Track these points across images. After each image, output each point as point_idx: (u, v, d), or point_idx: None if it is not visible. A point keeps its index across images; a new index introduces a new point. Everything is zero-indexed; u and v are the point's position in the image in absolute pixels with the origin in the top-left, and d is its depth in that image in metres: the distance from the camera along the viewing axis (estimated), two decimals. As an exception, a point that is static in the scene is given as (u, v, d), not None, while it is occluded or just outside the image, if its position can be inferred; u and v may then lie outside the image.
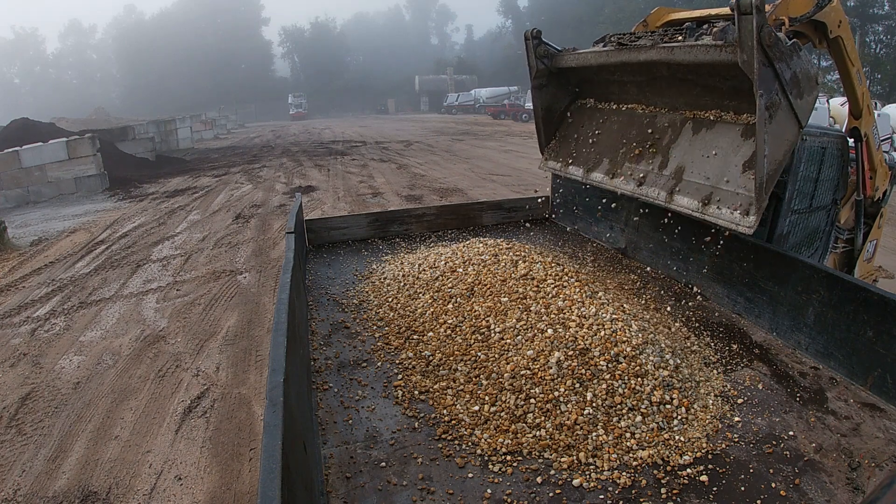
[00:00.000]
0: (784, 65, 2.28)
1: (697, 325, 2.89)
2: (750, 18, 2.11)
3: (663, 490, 1.77)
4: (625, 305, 2.65)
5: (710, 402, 2.20)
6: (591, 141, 3.75)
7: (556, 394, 2.12)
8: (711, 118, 2.93)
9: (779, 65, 2.25)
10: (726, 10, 2.73)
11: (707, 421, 2.09)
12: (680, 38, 2.89)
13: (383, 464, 1.89)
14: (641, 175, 3.20)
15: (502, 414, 2.10)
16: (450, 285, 2.99)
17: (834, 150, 3.59)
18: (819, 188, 3.56)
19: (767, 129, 2.30)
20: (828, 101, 14.09)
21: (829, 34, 3.07)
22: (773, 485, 1.77)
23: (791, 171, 3.25)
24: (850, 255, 4.10)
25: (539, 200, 4.91)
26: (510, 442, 1.98)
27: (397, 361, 2.52)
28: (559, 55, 3.78)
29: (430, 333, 2.67)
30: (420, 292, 3.05)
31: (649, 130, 3.30)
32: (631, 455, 1.92)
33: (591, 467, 1.87)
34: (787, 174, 3.25)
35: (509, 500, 1.74)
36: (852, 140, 3.78)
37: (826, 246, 3.85)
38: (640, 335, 2.37)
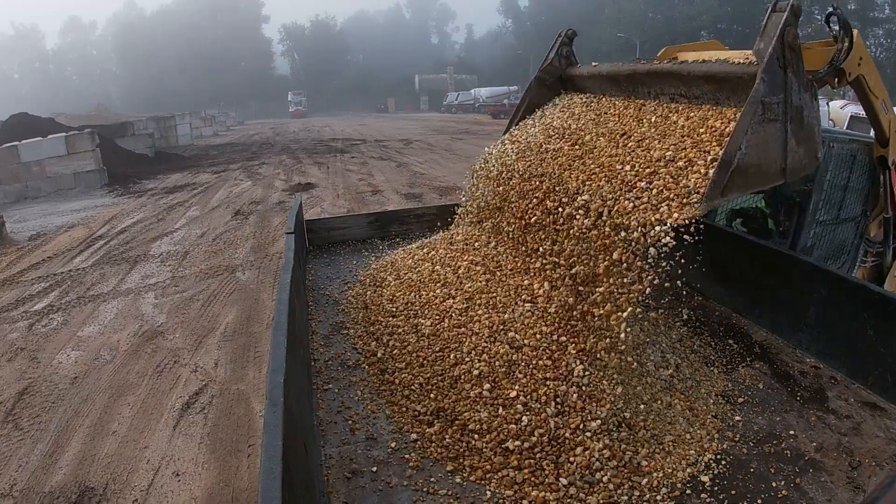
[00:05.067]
0: (795, 82, 2.09)
1: (697, 324, 2.88)
2: (780, 14, 2.09)
3: (664, 490, 1.76)
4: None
5: (711, 401, 2.20)
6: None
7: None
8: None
9: (791, 76, 2.08)
10: (735, 54, 2.55)
11: (707, 420, 2.09)
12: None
13: (384, 464, 1.88)
14: None
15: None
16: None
17: (864, 158, 3.36)
18: (848, 197, 3.34)
19: (751, 126, 1.98)
20: (828, 103, 14.03)
21: (849, 77, 2.80)
22: (774, 484, 1.77)
23: (816, 180, 3.02)
24: (880, 269, 3.86)
25: None
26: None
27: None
28: (575, 67, 3.50)
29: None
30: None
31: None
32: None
33: (592, 466, 1.87)
34: (811, 182, 3.04)
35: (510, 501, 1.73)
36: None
37: (854, 260, 3.64)
38: (640, 335, 2.37)
